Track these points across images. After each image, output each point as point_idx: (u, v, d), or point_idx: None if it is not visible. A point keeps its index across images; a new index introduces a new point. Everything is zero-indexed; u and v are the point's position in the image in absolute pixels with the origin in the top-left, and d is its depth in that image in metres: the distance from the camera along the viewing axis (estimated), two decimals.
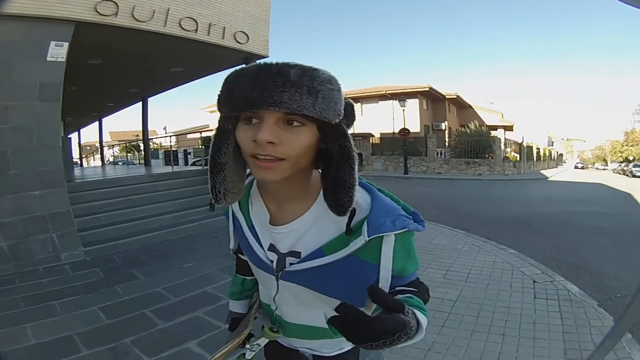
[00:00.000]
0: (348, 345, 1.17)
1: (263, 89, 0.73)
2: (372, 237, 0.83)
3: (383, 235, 0.84)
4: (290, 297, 1.02)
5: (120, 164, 21.70)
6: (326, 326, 0.91)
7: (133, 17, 6.41)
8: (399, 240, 0.86)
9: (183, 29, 7.21)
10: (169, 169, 10.64)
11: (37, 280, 4.67)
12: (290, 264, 0.95)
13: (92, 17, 5.90)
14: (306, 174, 0.90)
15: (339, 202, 0.81)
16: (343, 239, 0.87)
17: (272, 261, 0.99)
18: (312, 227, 0.91)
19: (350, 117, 0.85)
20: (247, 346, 1.18)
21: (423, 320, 0.74)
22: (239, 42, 8.19)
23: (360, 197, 0.87)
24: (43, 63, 5.46)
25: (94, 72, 9.11)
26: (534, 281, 4.36)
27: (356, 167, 0.82)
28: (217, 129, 0.89)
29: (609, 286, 4.50)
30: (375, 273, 0.87)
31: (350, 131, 0.86)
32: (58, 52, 5.60)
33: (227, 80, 0.80)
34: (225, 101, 0.80)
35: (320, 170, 0.92)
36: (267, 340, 1.15)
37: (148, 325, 3.46)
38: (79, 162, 21.80)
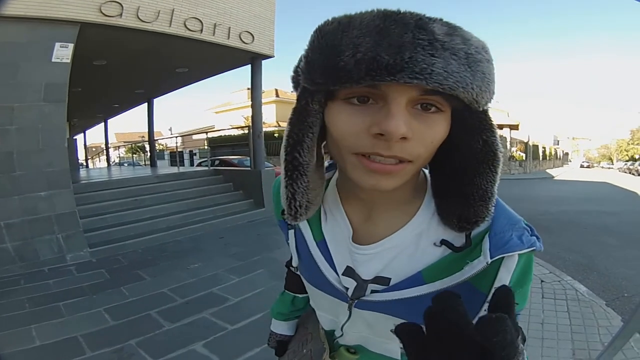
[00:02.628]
0: None
1: (401, 49, 0.48)
2: (495, 258, 0.58)
3: (504, 256, 0.58)
4: (365, 327, 0.75)
5: (125, 165, 21.75)
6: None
7: (138, 17, 6.39)
8: (521, 263, 0.60)
9: (188, 29, 7.18)
10: (175, 169, 10.68)
11: (42, 282, 4.66)
12: (373, 291, 0.69)
13: (96, 18, 5.89)
14: (414, 177, 0.65)
15: (471, 218, 0.60)
16: (451, 260, 0.62)
17: (347, 288, 0.72)
18: (411, 246, 0.65)
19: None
20: None
21: None
22: (244, 42, 8.14)
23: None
24: (48, 64, 5.45)
25: (99, 74, 9.11)
26: (542, 281, 4.32)
27: (500, 171, 0.61)
28: (296, 110, 0.61)
29: (617, 285, 4.45)
30: (481, 305, 0.60)
31: None
32: (63, 53, 5.60)
33: (324, 32, 0.53)
34: (324, 64, 0.53)
35: (427, 171, 0.69)
36: None
37: (154, 327, 3.43)
38: (84, 164, 21.89)
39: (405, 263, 0.66)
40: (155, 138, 14.87)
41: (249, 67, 9.03)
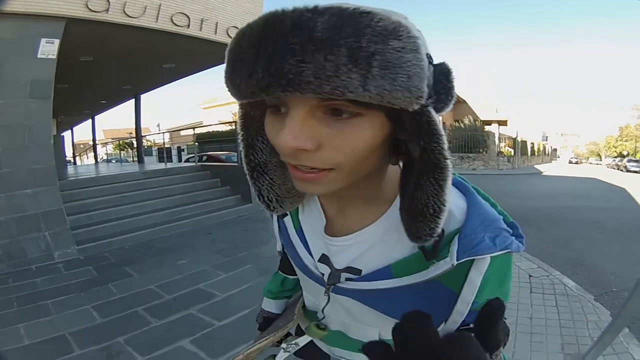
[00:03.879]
0: None
1: (269, 62, 0.44)
2: (462, 260, 0.56)
3: (475, 258, 0.57)
4: (343, 312, 0.78)
5: (113, 161, 21.60)
6: None
7: (124, 13, 6.33)
8: (494, 265, 0.58)
9: (175, 24, 7.13)
10: (162, 165, 10.60)
11: (30, 280, 4.63)
12: (347, 279, 0.71)
13: (83, 14, 5.81)
14: (381, 172, 0.64)
15: (414, 232, 0.55)
16: (420, 257, 0.61)
17: (323, 274, 0.75)
18: (381, 241, 0.65)
19: (444, 94, 0.50)
20: (283, 345, 0.96)
21: None
22: (231, 37, 8.01)
23: (453, 201, 0.58)
24: (34, 60, 5.38)
25: (86, 69, 9.00)
26: (530, 275, 4.36)
27: (448, 184, 0.51)
28: (241, 117, 0.62)
29: (605, 280, 4.50)
30: (452, 303, 0.61)
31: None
32: (49, 49, 5.53)
33: (229, 47, 0.51)
34: (227, 84, 0.52)
35: (401, 164, 0.63)
36: (308, 340, 0.93)
37: (141, 324, 3.43)
38: (72, 161, 21.70)
39: (376, 256, 0.67)
40: (143, 134, 14.77)
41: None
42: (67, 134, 21.30)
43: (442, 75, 0.50)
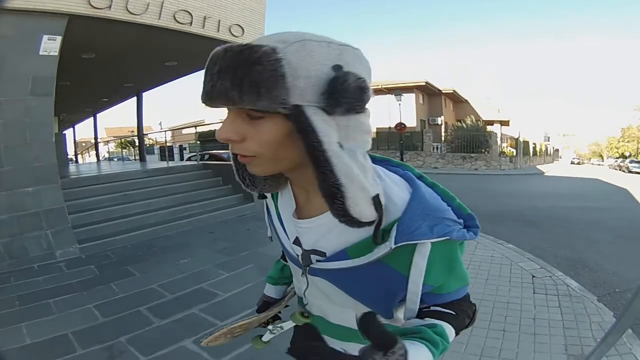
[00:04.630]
0: None
1: (204, 85, 0.66)
2: (399, 244, 0.67)
3: (417, 243, 0.68)
4: (320, 294, 0.90)
5: (115, 160, 21.56)
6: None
7: (127, 10, 6.31)
8: (438, 251, 0.70)
9: (177, 21, 7.11)
10: (164, 164, 10.58)
11: (32, 279, 4.60)
12: (317, 260, 0.83)
13: (85, 11, 5.79)
14: None
15: (334, 213, 0.66)
16: (369, 242, 0.71)
17: (297, 255, 0.88)
18: (338, 226, 0.71)
19: (339, 97, 0.62)
20: (270, 327, 1.10)
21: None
22: (234, 35, 8.08)
23: (397, 194, 0.72)
24: (35, 57, 5.35)
25: (88, 67, 8.99)
26: (533, 276, 4.33)
27: (333, 170, 0.62)
28: None
29: (608, 281, 4.49)
30: (404, 285, 0.73)
31: (367, 118, 0.69)
32: (51, 45, 5.50)
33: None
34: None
35: None
36: (291, 325, 1.04)
37: (144, 323, 3.41)
38: (73, 159, 21.67)
39: (335, 239, 0.78)
40: (145, 132, 14.72)
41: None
42: (68, 132, 21.29)
43: (337, 83, 0.62)
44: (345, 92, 0.62)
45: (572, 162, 48.27)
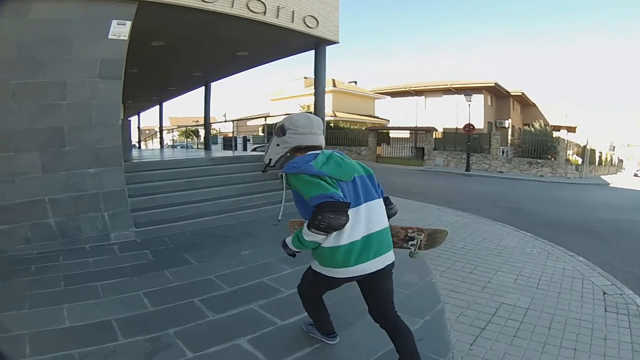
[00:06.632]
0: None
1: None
2: (282, 172, 2.07)
3: (286, 173, 2.05)
4: None
5: (178, 147, 21.94)
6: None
7: None
8: (289, 176, 2.04)
9: (251, 10, 6.85)
10: (229, 153, 10.40)
11: (82, 259, 4.36)
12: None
13: None
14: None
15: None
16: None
17: None
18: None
19: (274, 131, 2.29)
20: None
21: (288, 241, 2.29)
22: (309, 27, 7.77)
23: (303, 159, 2.06)
24: (104, 40, 5.22)
25: (157, 55, 8.98)
26: (604, 293, 3.96)
27: (269, 147, 2.33)
28: None
29: None
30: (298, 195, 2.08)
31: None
32: (120, 30, 5.36)
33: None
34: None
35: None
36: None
37: (196, 316, 3.03)
38: (137, 145, 22.33)
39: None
40: (210, 122, 14.89)
41: (298, 55, 9.08)
42: (133, 119, 22.10)
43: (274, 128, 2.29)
44: (275, 130, 2.25)
45: (636, 175, 42.11)
